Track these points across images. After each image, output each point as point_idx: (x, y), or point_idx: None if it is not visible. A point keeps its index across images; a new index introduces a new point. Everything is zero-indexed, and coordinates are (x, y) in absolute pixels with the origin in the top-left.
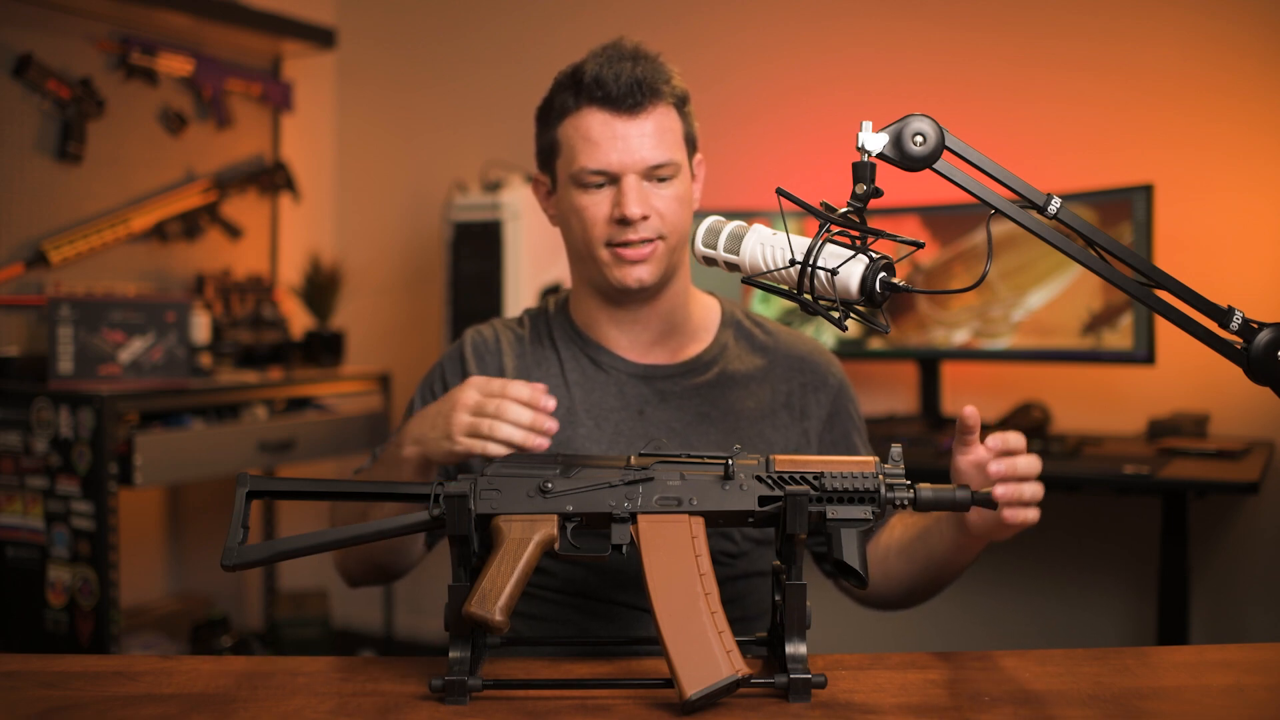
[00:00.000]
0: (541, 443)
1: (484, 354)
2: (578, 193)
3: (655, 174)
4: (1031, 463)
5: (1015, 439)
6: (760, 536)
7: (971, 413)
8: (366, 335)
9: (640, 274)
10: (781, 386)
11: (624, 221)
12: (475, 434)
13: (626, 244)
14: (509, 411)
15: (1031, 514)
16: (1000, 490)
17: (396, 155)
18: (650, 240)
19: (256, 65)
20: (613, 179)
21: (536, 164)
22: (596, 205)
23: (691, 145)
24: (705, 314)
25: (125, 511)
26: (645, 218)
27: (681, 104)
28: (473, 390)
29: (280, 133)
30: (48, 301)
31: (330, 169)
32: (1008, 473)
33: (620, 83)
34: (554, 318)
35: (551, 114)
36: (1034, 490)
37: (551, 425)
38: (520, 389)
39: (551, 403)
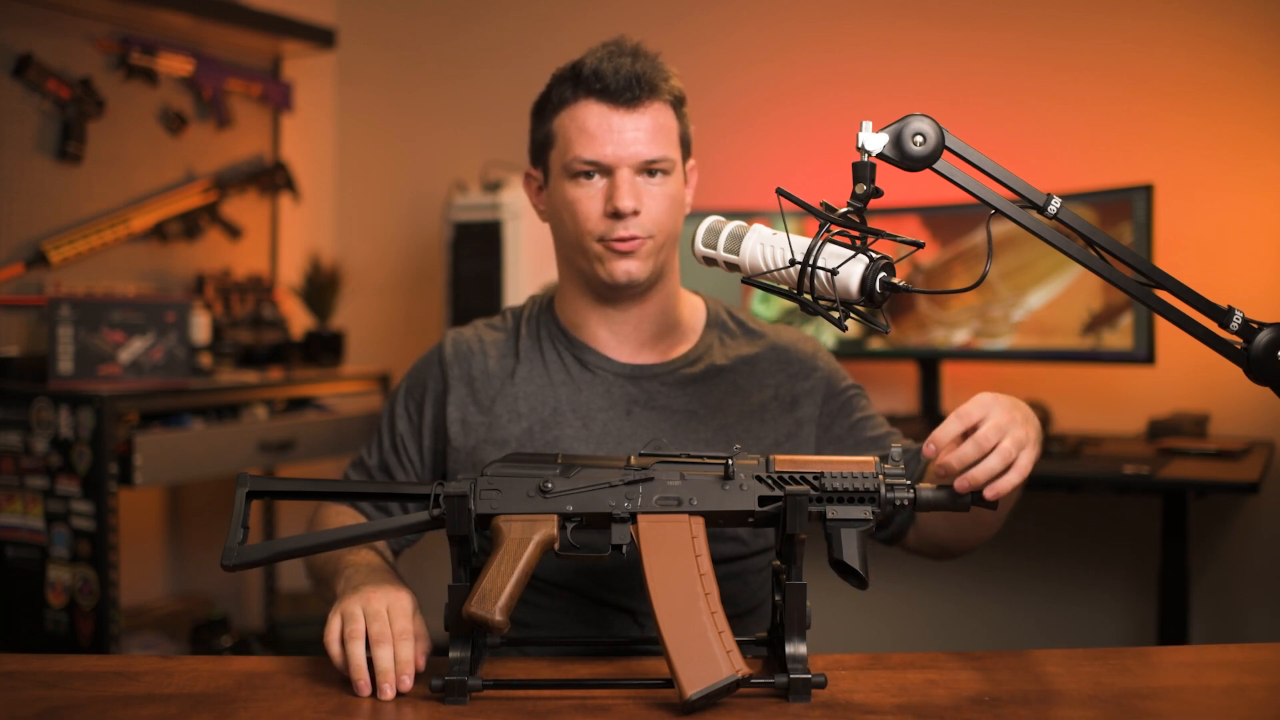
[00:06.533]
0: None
1: (464, 355)
2: (570, 185)
3: (649, 169)
4: (979, 443)
5: (945, 431)
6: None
7: (930, 451)
8: (366, 335)
9: (630, 267)
10: (769, 380)
11: (616, 215)
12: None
13: (618, 238)
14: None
15: (1008, 481)
16: (960, 483)
17: (396, 155)
18: (638, 237)
19: (256, 65)
20: (606, 171)
21: (530, 159)
22: (589, 198)
23: (686, 147)
24: (692, 314)
25: (125, 511)
26: (636, 213)
27: (679, 104)
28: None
29: (280, 133)
30: (48, 301)
31: (330, 169)
32: (959, 469)
33: (619, 76)
34: (539, 316)
35: (548, 107)
36: (991, 465)
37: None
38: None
39: (405, 685)
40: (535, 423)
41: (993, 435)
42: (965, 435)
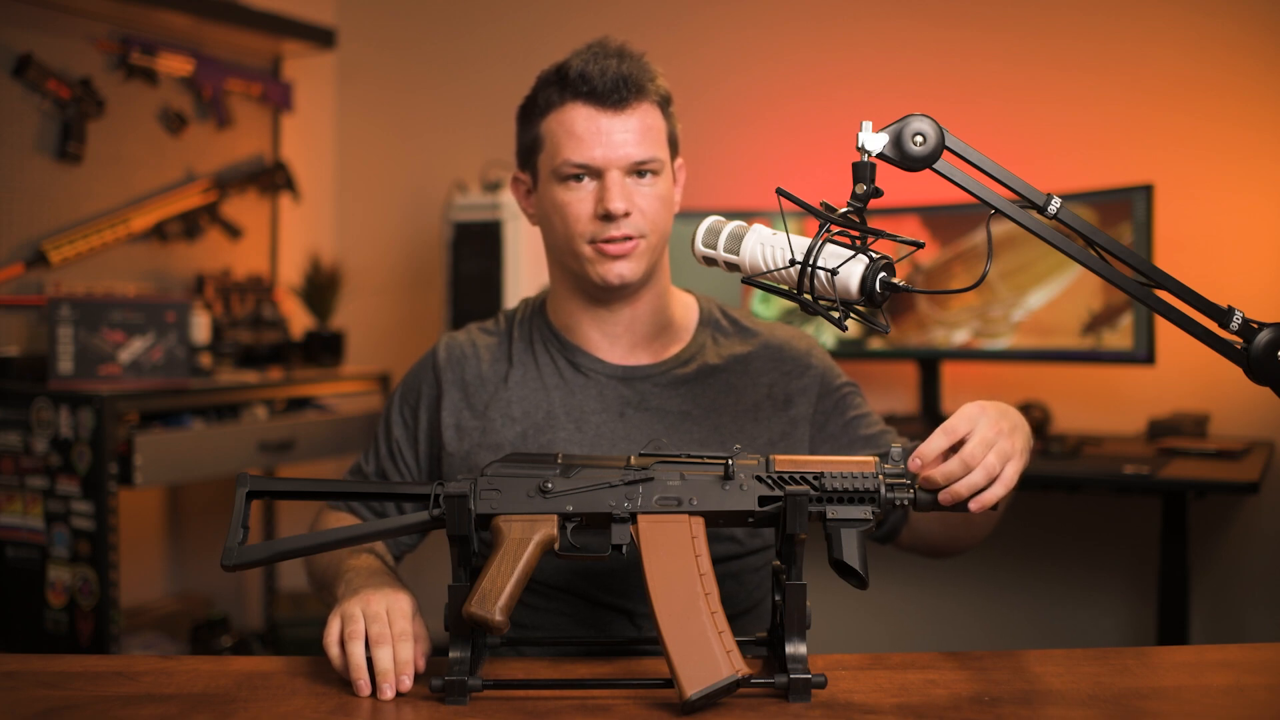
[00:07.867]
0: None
1: (458, 360)
2: (560, 188)
3: (639, 170)
4: (965, 460)
5: (930, 447)
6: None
7: (915, 466)
8: (366, 335)
9: (622, 270)
10: (762, 379)
11: (607, 217)
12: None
13: (609, 240)
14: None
15: (993, 494)
16: (944, 497)
17: (396, 155)
18: (631, 238)
19: (256, 65)
20: (596, 174)
21: (517, 163)
22: (580, 201)
23: (674, 146)
24: (685, 313)
25: (125, 511)
26: (628, 214)
27: (665, 104)
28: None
29: (280, 133)
30: (48, 301)
31: (330, 169)
32: (943, 484)
33: (606, 78)
34: (532, 320)
35: (535, 110)
36: (974, 481)
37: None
38: (405, 650)
39: (405, 685)
40: (529, 426)
41: (979, 451)
42: (952, 450)
